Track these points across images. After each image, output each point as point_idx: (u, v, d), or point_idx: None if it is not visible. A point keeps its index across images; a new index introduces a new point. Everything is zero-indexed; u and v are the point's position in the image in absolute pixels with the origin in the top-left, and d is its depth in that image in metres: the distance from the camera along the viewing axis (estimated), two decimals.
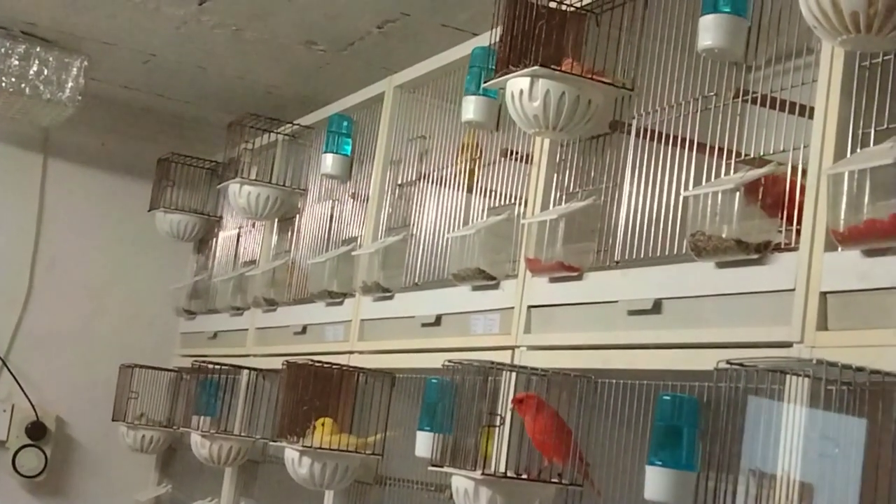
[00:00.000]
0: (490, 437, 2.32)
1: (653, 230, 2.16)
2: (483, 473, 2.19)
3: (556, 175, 2.47)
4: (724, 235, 1.91)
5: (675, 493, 1.88)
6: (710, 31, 1.99)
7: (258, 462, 3.69)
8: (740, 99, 2.03)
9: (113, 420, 4.18)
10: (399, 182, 3.17)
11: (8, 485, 4.35)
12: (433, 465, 2.33)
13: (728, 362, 1.68)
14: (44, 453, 4.36)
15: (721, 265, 1.95)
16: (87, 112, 4.10)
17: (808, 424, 1.65)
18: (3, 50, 3.85)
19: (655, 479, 1.89)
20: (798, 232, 1.83)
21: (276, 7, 3.30)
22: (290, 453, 2.89)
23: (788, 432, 1.66)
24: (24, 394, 4.35)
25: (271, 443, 3.09)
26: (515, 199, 2.59)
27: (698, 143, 2.11)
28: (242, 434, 3.57)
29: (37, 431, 4.35)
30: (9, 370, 4.36)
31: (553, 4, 2.33)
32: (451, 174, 2.89)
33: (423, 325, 2.81)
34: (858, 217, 1.69)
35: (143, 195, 4.42)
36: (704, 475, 1.69)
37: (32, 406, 4.35)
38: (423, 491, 2.76)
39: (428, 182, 3.02)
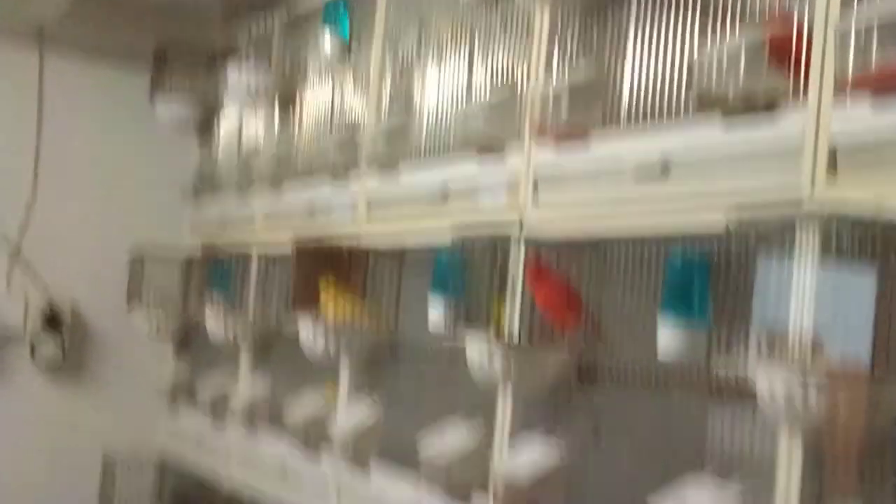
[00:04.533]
0: (501, 306, 2.34)
1: (658, 93, 2.14)
2: (496, 340, 2.22)
3: (557, 44, 2.44)
4: (730, 93, 1.90)
5: (687, 349, 1.90)
6: None
7: (273, 340, 3.73)
8: None
9: (127, 307, 4.22)
10: (399, 61, 3.14)
11: (27, 375, 4.41)
12: (446, 339, 2.36)
13: (738, 219, 1.68)
14: (61, 343, 4.42)
15: (729, 123, 1.94)
16: (82, 5, 4.04)
17: (820, 277, 1.66)
18: None
19: (667, 337, 1.91)
20: (806, 85, 1.82)
21: None
22: (304, 329, 2.92)
23: (800, 286, 1.67)
24: (38, 286, 4.39)
25: (285, 320, 3.11)
26: (518, 70, 2.56)
27: (702, 2, 2.09)
28: (256, 313, 3.60)
29: (53, 322, 4.40)
30: (21, 264, 4.39)
31: None
32: (451, 51, 2.87)
33: (430, 200, 2.81)
34: (867, 65, 1.67)
35: (143, 86, 4.39)
36: (716, 331, 1.70)
37: (47, 297, 4.39)
38: (437, 362, 2.79)
39: (429, 60, 2.99)
